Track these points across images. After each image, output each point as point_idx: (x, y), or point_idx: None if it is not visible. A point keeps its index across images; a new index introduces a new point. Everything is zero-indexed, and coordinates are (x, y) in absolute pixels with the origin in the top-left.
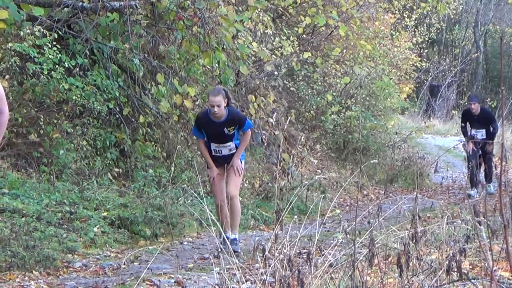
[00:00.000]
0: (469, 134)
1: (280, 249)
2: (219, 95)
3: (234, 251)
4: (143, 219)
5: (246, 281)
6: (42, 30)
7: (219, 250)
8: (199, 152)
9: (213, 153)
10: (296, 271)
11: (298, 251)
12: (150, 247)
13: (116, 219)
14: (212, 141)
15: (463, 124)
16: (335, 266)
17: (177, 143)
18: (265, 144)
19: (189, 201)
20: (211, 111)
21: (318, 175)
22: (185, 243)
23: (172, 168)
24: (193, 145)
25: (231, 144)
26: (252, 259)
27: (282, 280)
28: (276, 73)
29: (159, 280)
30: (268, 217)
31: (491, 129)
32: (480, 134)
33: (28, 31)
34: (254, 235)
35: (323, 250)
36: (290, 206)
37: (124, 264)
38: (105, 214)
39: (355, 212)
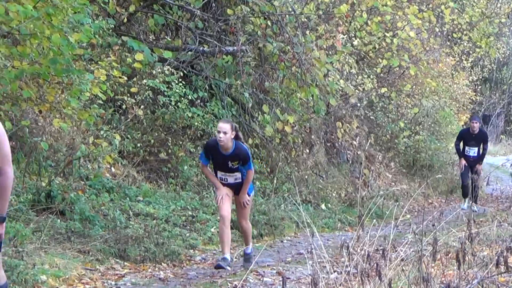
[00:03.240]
0: (463, 152)
1: (361, 246)
2: (227, 123)
3: (246, 268)
4: (251, 222)
5: (334, 272)
6: (170, 69)
7: (311, 247)
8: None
9: (220, 180)
10: (375, 264)
11: (376, 248)
12: (256, 245)
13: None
14: (219, 169)
15: (457, 142)
16: (405, 261)
17: (278, 160)
18: (350, 161)
19: (288, 207)
20: (217, 137)
21: (392, 187)
22: (285, 241)
23: (275, 181)
24: (292, 162)
25: (237, 174)
26: (339, 254)
27: (363, 271)
28: (358, 104)
29: (263, 271)
30: (351, 221)
31: (482, 150)
32: (473, 151)
33: (159, 70)
34: (340, 235)
35: (396, 248)
36: (370, 212)
37: (236, 258)
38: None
39: (422, 216)
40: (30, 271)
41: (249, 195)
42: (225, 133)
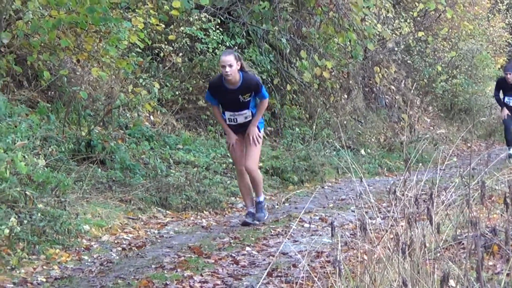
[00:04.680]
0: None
1: (407, 190)
2: (230, 55)
3: (258, 220)
4: (291, 168)
5: (378, 217)
6: (207, 16)
7: (356, 192)
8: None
9: (228, 122)
10: (424, 208)
11: (421, 193)
12: (297, 191)
13: (269, 168)
14: (226, 109)
15: (496, 92)
16: (451, 205)
17: (317, 106)
18: (388, 106)
19: (328, 153)
20: (223, 72)
21: (431, 131)
22: (326, 187)
23: (314, 127)
24: (330, 107)
25: (247, 112)
26: (380, 199)
27: (410, 216)
28: (396, 49)
29: (306, 218)
30: (391, 166)
31: None
32: None
33: (196, 17)
34: (381, 180)
35: (442, 192)
36: (412, 157)
37: (277, 204)
38: (260, 164)
39: (470, 160)
40: (73, 221)
41: (259, 131)
42: (230, 65)
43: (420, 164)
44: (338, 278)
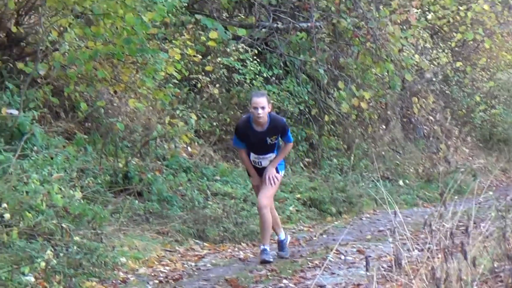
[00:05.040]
0: None
1: (443, 223)
2: (263, 97)
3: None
4: (329, 199)
5: (415, 249)
6: (244, 46)
7: (391, 225)
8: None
9: (252, 164)
10: (458, 241)
11: (458, 225)
12: (335, 222)
13: (307, 199)
14: (252, 151)
15: None
16: (488, 238)
17: (355, 137)
18: (426, 137)
19: (366, 184)
20: (255, 114)
21: (470, 162)
22: (364, 218)
23: (352, 158)
24: (368, 138)
25: (272, 155)
26: (418, 231)
27: (446, 249)
28: (434, 79)
29: (344, 250)
30: (430, 196)
31: None
32: None
33: (234, 47)
34: (419, 211)
35: (478, 224)
36: (449, 188)
37: (315, 236)
38: (298, 196)
39: (507, 191)
40: (109, 253)
41: (278, 172)
42: (263, 108)
43: (456, 196)
44: None
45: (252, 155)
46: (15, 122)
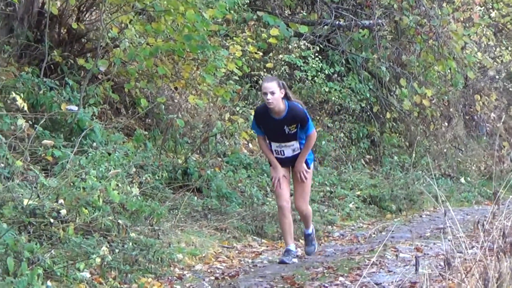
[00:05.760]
0: None
1: (498, 222)
2: (272, 82)
3: (308, 254)
4: (389, 197)
5: (472, 247)
6: (306, 44)
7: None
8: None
9: (275, 155)
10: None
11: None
12: (395, 220)
13: (367, 197)
14: (273, 140)
15: None
16: None
17: (417, 134)
18: (489, 134)
19: (427, 181)
20: (265, 100)
21: None
22: (424, 216)
23: (413, 155)
24: (430, 135)
25: (295, 144)
26: (477, 229)
27: (499, 249)
28: (497, 77)
29: (401, 247)
30: (491, 194)
31: None
32: None
33: (295, 45)
34: (480, 209)
35: None
36: (508, 186)
37: (374, 233)
38: (358, 193)
39: None
40: (166, 249)
41: (308, 167)
42: (272, 93)
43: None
44: None
45: (274, 145)
46: (75, 118)
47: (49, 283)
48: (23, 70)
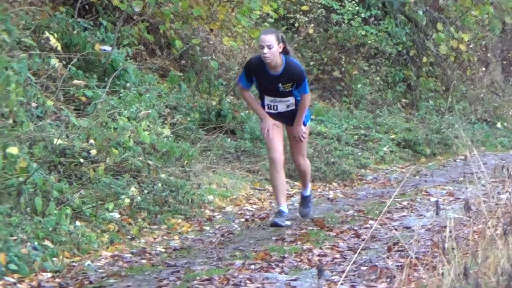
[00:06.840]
0: None
1: None
2: (271, 34)
3: (304, 216)
4: (424, 141)
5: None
6: None
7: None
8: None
9: (266, 109)
10: None
11: None
12: (429, 164)
13: (402, 140)
14: (266, 94)
15: None
16: None
17: (454, 79)
18: None
19: (462, 126)
20: (261, 54)
21: None
22: (458, 160)
23: (449, 99)
24: (467, 80)
25: (290, 99)
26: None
27: None
28: None
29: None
30: None
31: None
32: None
33: None
34: None
35: None
36: None
37: (407, 177)
38: (393, 136)
39: None
40: (196, 191)
41: (305, 125)
42: (269, 46)
43: None
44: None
45: (266, 98)
46: (108, 59)
47: (77, 222)
48: (58, 10)
